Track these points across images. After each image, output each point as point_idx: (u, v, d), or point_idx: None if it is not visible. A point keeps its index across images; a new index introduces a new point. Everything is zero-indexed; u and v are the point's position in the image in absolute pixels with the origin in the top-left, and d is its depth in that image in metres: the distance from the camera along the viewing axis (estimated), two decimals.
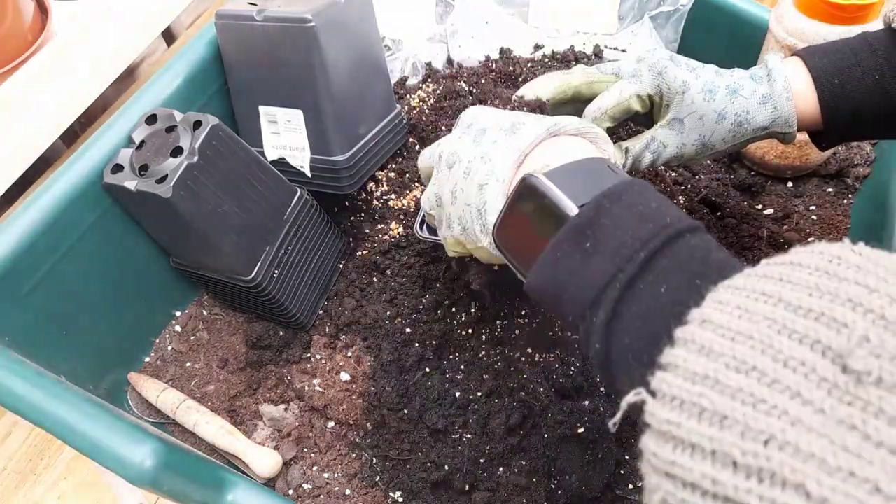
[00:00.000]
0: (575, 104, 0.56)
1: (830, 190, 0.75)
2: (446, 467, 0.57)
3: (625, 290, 0.30)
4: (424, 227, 0.57)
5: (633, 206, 0.32)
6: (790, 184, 0.76)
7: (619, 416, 0.27)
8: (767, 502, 0.20)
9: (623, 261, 0.31)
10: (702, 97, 0.51)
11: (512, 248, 0.37)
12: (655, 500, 0.23)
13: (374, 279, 0.68)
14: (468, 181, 0.40)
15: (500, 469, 0.57)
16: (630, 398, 0.26)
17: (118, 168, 0.57)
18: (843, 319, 0.22)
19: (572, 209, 0.33)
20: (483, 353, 0.61)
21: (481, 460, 0.57)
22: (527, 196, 0.35)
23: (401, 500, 0.58)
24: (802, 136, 0.71)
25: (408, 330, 0.63)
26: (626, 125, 0.69)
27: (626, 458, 0.58)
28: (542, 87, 0.54)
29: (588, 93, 0.55)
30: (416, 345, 0.62)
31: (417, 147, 0.71)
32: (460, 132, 0.44)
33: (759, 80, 0.51)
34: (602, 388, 0.61)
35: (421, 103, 0.73)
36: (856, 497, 0.18)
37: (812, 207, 0.73)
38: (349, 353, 0.64)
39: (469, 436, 0.58)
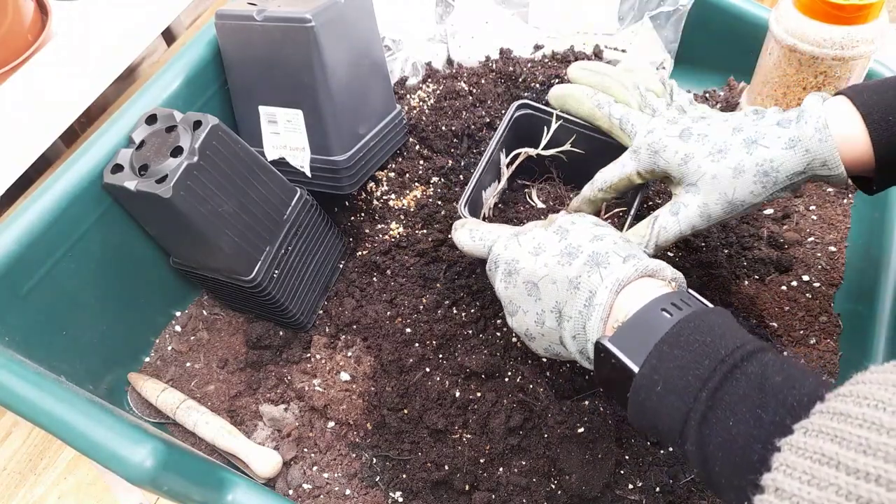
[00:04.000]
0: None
1: (830, 190, 0.75)
2: (446, 467, 0.57)
3: (700, 426, 0.34)
4: (466, 208, 0.58)
5: (692, 346, 0.36)
6: None
7: None
8: None
9: (691, 399, 0.34)
10: (709, 160, 0.50)
11: (609, 391, 0.43)
12: None
13: (374, 279, 0.68)
14: (548, 330, 0.47)
15: (500, 469, 0.57)
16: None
17: (118, 168, 0.57)
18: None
19: (634, 367, 0.38)
20: (483, 353, 0.61)
21: (481, 460, 0.57)
22: (603, 355, 0.41)
23: (401, 500, 0.58)
24: None
25: (408, 330, 0.63)
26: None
27: (626, 458, 0.58)
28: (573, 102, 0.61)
29: (616, 94, 0.59)
30: (416, 345, 0.62)
31: (417, 147, 0.71)
32: (504, 281, 0.50)
33: (787, 125, 0.49)
34: (602, 388, 0.61)
35: (421, 103, 0.73)
36: None
37: (812, 207, 0.73)
38: (349, 353, 0.64)
39: (469, 436, 0.58)
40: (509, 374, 0.60)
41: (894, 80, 0.48)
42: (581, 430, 0.57)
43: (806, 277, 0.67)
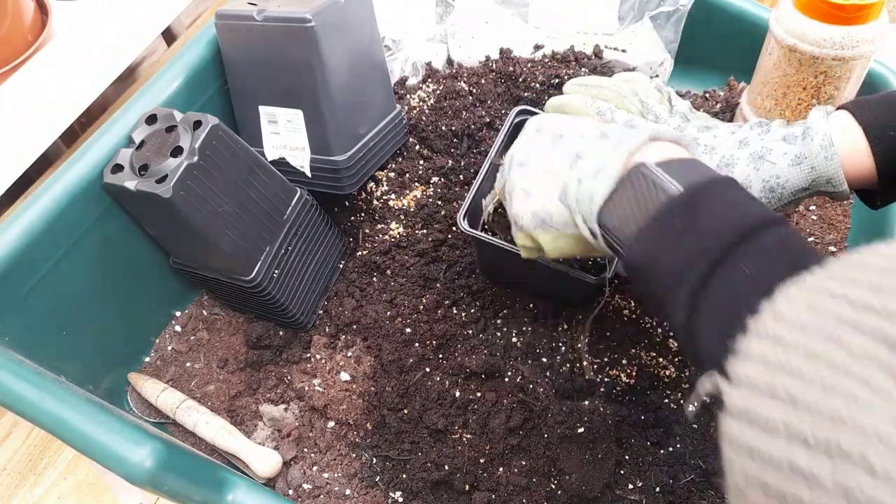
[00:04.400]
0: None
1: None
2: (446, 467, 0.57)
3: (712, 268, 0.33)
4: (466, 220, 0.58)
5: (726, 198, 0.36)
6: None
7: (696, 403, 0.31)
8: (835, 474, 0.22)
9: (713, 242, 0.34)
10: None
11: (614, 226, 0.40)
12: (735, 473, 0.26)
13: (374, 279, 0.68)
14: (551, 178, 0.45)
15: (500, 469, 0.57)
16: (707, 386, 0.29)
17: (118, 168, 0.57)
18: None
19: (677, 188, 0.37)
20: (483, 353, 0.61)
21: (481, 460, 0.57)
22: (637, 180, 0.39)
23: (401, 500, 0.58)
24: None
25: (408, 330, 0.63)
26: None
27: (626, 458, 0.58)
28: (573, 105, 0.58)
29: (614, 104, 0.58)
30: (416, 345, 0.62)
31: (417, 147, 0.71)
32: (530, 137, 0.48)
33: (793, 141, 0.49)
34: (602, 389, 0.61)
35: (421, 103, 0.73)
36: None
37: (812, 207, 0.73)
38: (349, 353, 0.64)
39: (469, 436, 0.58)
40: (509, 374, 0.60)
41: (891, 96, 0.48)
42: (581, 430, 0.57)
43: None
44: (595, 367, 0.61)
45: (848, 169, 0.47)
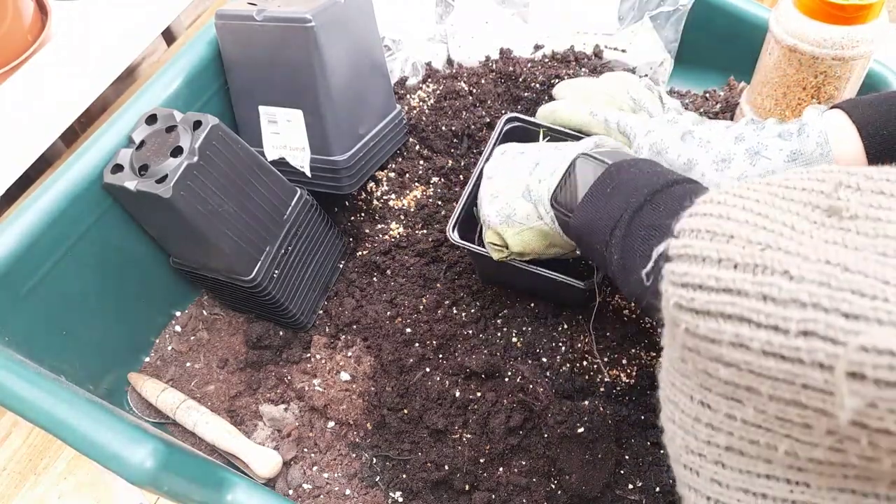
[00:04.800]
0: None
1: None
2: (446, 467, 0.57)
3: (634, 214, 0.40)
4: (456, 231, 0.59)
5: (646, 167, 0.44)
6: None
7: (650, 265, 0.35)
8: (757, 285, 0.25)
9: (634, 196, 0.41)
10: (713, 168, 0.51)
11: (564, 203, 0.49)
12: (670, 306, 0.29)
13: (374, 279, 0.68)
14: (514, 181, 0.53)
15: (500, 469, 0.57)
16: (660, 247, 0.33)
17: (118, 168, 0.57)
18: (828, 189, 0.27)
19: (608, 164, 0.46)
20: (483, 353, 0.61)
21: (481, 460, 0.57)
22: (580, 162, 0.48)
23: (401, 500, 0.58)
24: None
25: (408, 330, 0.63)
26: None
27: (626, 458, 0.58)
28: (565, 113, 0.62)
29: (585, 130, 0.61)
30: (416, 345, 0.62)
31: (417, 147, 0.71)
32: (494, 160, 0.56)
33: (789, 137, 0.49)
34: (602, 388, 0.61)
35: (421, 103, 0.73)
36: (829, 273, 0.24)
37: None
38: (349, 353, 0.64)
39: (469, 436, 0.58)
40: (509, 374, 0.60)
41: (888, 95, 0.48)
42: (581, 430, 0.57)
43: None
44: (602, 365, 0.61)
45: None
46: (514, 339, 0.63)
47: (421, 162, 0.71)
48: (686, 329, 0.28)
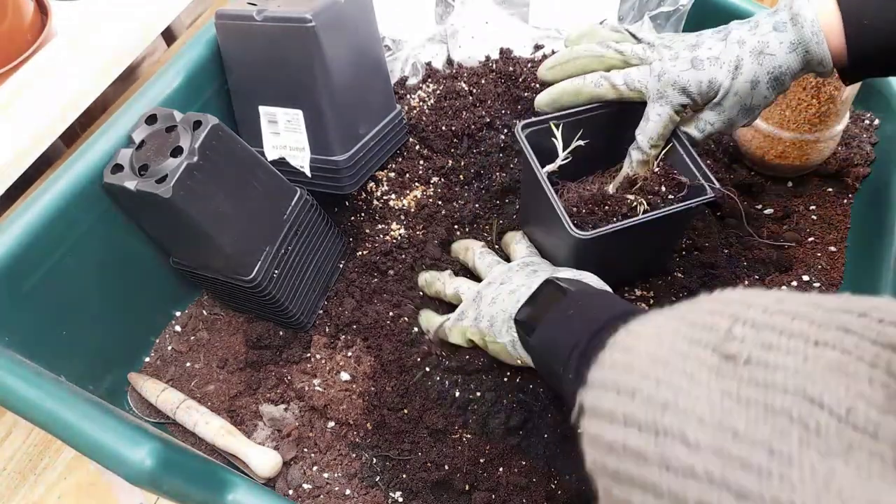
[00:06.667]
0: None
1: (830, 190, 0.75)
2: (446, 467, 0.57)
3: (591, 337, 0.41)
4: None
5: (602, 297, 0.49)
6: (790, 184, 0.76)
7: (574, 415, 0.36)
8: (658, 449, 0.26)
9: (593, 323, 0.43)
10: (729, 79, 0.53)
11: (528, 318, 0.51)
12: (588, 464, 0.31)
13: (375, 279, 0.68)
14: (496, 305, 0.55)
15: (500, 469, 0.57)
16: (579, 395, 0.34)
17: (118, 168, 0.57)
18: (725, 327, 0.29)
19: (569, 290, 0.49)
20: (483, 353, 0.61)
21: (481, 460, 0.57)
22: (546, 287, 0.52)
23: (401, 500, 0.58)
24: (802, 137, 0.71)
25: (408, 330, 0.63)
26: None
27: None
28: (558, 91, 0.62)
29: (598, 67, 0.60)
30: (416, 345, 0.62)
31: (417, 147, 0.71)
32: (483, 286, 0.59)
33: (783, 28, 0.51)
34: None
35: (421, 103, 0.73)
36: (721, 440, 0.25)
37: (812, 207, 0.73)
38: (349, 353, 0.64)
39: (469, 436, 0.58)
40: (509, 374, 0.60)
41: None
42: (581, 430, 0.57)
43: (806, 277, 0.67)
44: None
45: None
46: None
47: (421, 162, 0.71)
48: (603, 489, 0.29)
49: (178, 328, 0.69)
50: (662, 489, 0.26)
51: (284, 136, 0.66)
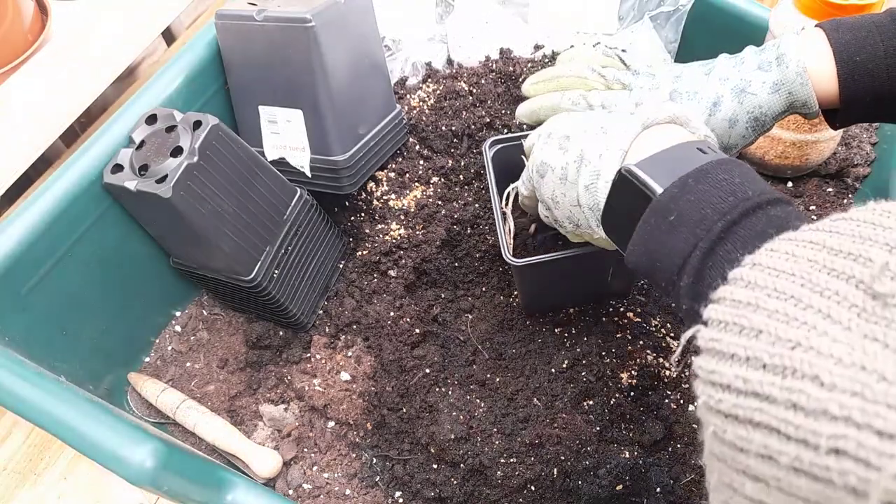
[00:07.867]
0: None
1: (830, 190, 0.75)
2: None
3: (705, 257, 0.34)
4: (510, 251, 0.57)
5: (718, 182, 0.35)
6: (790, 184, 0.76)
7: (678, 351, 0.32)
8: (786, 392, 0.23)
9: (703, 231, 0.34)
10: (706, 114, 0.51)
11: (615, 231, 0.42)
12: (700, 405, 0.27)
13: (375, 279, 0.68)
14: (568, 185, 0.46)
15: (502, 469, 0.57)
16: (688, 333, 0.29)
17: (118, 168, 0.57)
18: (876, 258, 0.25)
19: (658, 189, 0.37)
20: (484, 353, 0.61)
21: (483, 460, 0.57)
22: (622, 184, 0.40)
23: (401, 500, 0.58)
24: (802, 137, 0.71)
25: (408, 330, 0.63)
26: None
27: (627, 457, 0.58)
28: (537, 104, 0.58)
29: (580, 88, 0.57)
30: (417, 345, 0.62)
31: (417, 147, 0.71)
32: (542, 143, 0.50)
33: (768, 68, 0.50)
34: (603, 388, 0.61)
35: (421, 103, 0.73)
36: (863, 382, 0.21)
37: (812, 207, 0.73)
38: (349, 353, 0.64)
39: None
40: (510, 374, 0.60)
41: (868, 20, 0.48)
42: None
43: None
44: (604, 365, 0.61)
45: (817, 91, 0.49)
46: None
47: (421, 162, 0.71)
48: (714, 433, 0.26)
49: (178, 328, 0.69)
50: (789, 430, 0.23)
51: (284, 136, 0.66)
